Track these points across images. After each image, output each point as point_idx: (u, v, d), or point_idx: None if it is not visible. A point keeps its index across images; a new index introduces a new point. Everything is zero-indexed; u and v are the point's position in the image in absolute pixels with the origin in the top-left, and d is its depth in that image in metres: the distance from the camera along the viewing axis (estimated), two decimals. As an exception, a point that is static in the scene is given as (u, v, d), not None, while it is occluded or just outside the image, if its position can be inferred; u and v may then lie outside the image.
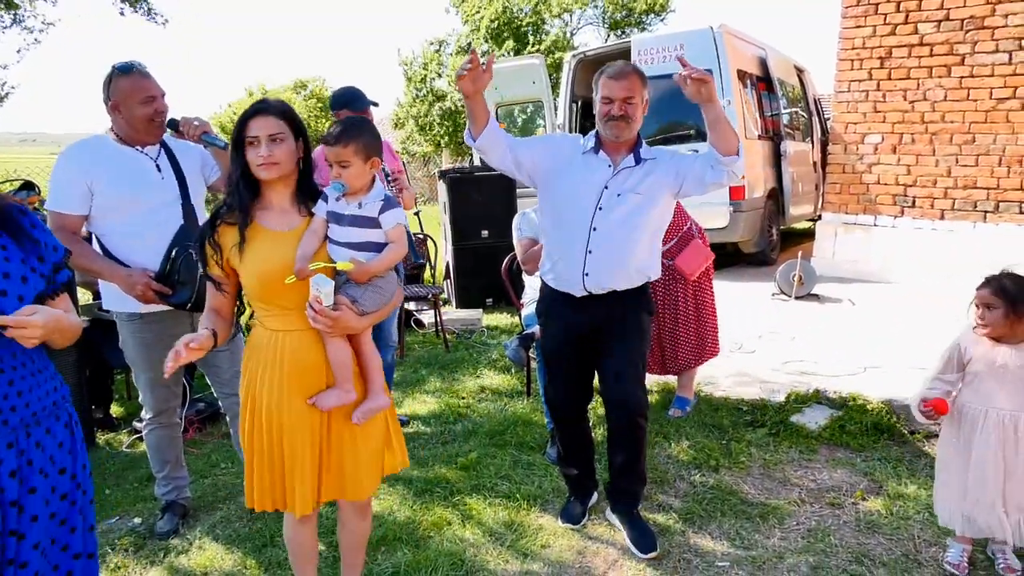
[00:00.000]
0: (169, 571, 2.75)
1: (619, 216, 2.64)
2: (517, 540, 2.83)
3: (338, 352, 2.01)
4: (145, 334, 2.84)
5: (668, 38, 7.45)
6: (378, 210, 2.02)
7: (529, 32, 16.00)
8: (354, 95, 3.75)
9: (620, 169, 2.65)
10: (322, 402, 2.00)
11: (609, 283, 2.70)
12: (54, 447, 1.70)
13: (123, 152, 2.74)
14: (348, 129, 2.01)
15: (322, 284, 1.90)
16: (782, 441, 3.61)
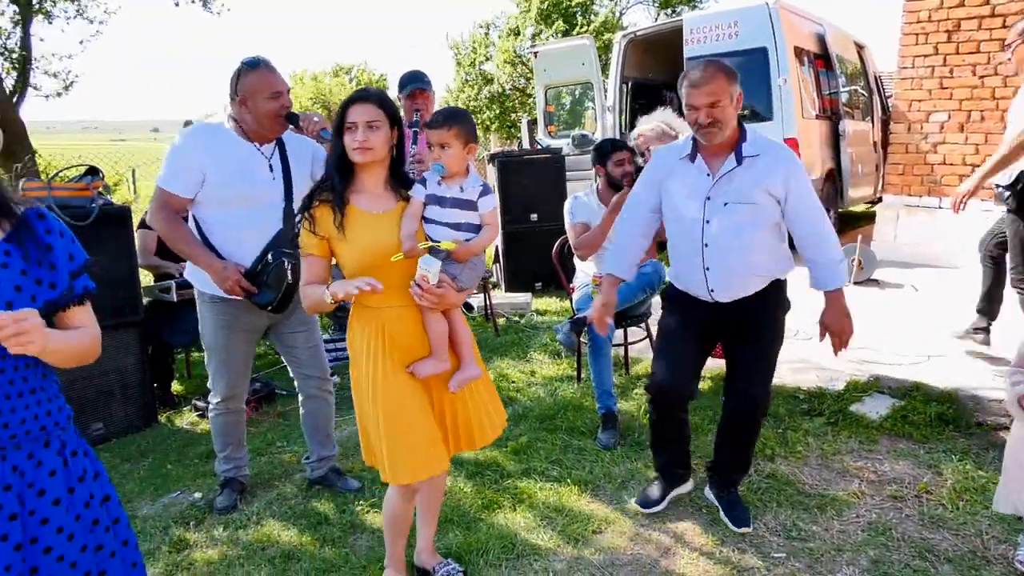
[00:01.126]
0: (229, 544, 2.82)
1: (729, 227, 2.53)
2: (568, 525, 2.82)
3: (436, 325, 2.15)
4: (225, 316, 2.89)
5: (721, 16, 7.25)
6: (478, 194, 2.16)
7: (578, 13, 15.81)
8: (411, 77, 3.77)
9: (721, 175, 2.52)
10: (419, 370, 2.14)
11: (739, 292, 2.62)
12: (40, 475, 1.53)
13: (242, 146, 2.78)
14: (451, 114, 2.17)
15: (430, 264, 2.03)
16: (841, 431, 3.51)
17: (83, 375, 3.90)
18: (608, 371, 3.60)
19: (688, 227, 2.61)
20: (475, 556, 2.62)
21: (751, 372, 2.68)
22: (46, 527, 1.53)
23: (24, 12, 8.39)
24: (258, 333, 3.02)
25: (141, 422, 4.19)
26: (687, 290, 2.72)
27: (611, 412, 3.56)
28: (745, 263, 2.57)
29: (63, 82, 8.76)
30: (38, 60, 8.73)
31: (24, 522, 1.51)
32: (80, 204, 3.80)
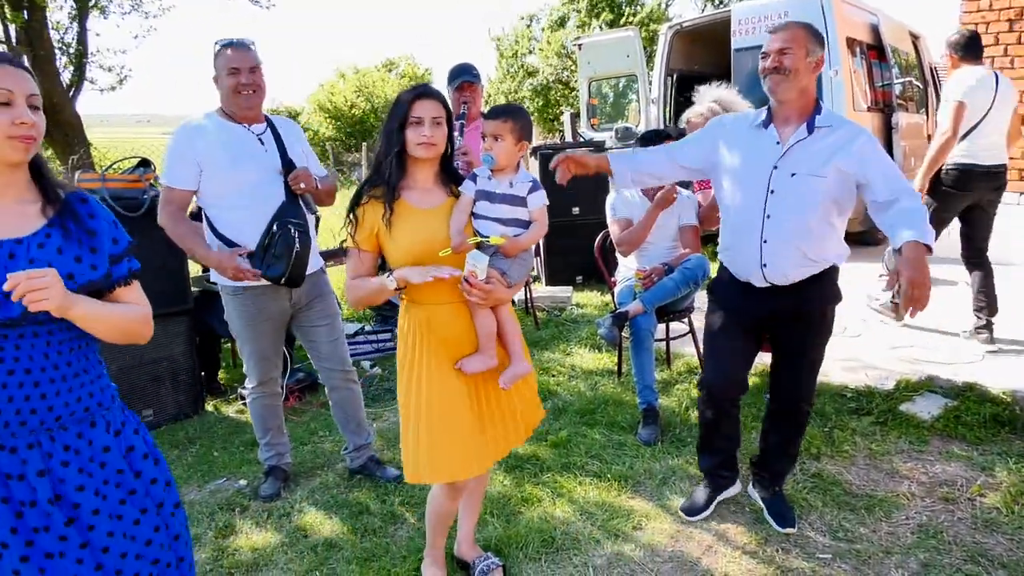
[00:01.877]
0: (273, 532, 2.88)
1: (794, 200, 2.41)
2: (608, 520, 2.80)
3: (485, 321, 2.14)
4: (248, 307, 2.96)
5: (771, 6, 7.07)
6: (527, 190, 2.15)
7: (624, 4, 15.63)
8: (459, 70, 3.78)
9: (791, 144, 2.40)
10: (467, 366, 2.13)
11: (792, 274, 2.49)
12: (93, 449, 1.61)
13: (228, 127, 2.84)
14: (508, 109, 2.17)
15: (478, 259, 2.02)
16: (890, 431, 3.42)
17: (135, 362, 4.01)
18: (650, 366, 3.56)
19: (750, 196, 2.49)
20: (514, 549, 2.62)
21: (798, 367, 2.62)
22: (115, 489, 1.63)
23: (81, 7, 8.66)
24: (283, 321, 3.06)
25: (190, 409, 4.29)
26: (737, 272, 2.61)
27: (652, 407, 3.53)
28: (805, 239, 2.43)
29: (118, 76, 9.03)
30: (94, 54, 9.00)
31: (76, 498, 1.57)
32: (133, 195, 3.90)
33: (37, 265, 1.50)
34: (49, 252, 1.54)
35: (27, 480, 1.53)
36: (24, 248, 1.51)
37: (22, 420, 1.51)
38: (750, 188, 2.49)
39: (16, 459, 1.52)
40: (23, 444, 1.52)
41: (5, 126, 1.47)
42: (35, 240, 1.53)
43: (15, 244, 1.50)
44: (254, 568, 2.65)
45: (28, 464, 1.53)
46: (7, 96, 1.48)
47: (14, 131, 1.48)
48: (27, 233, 1.53)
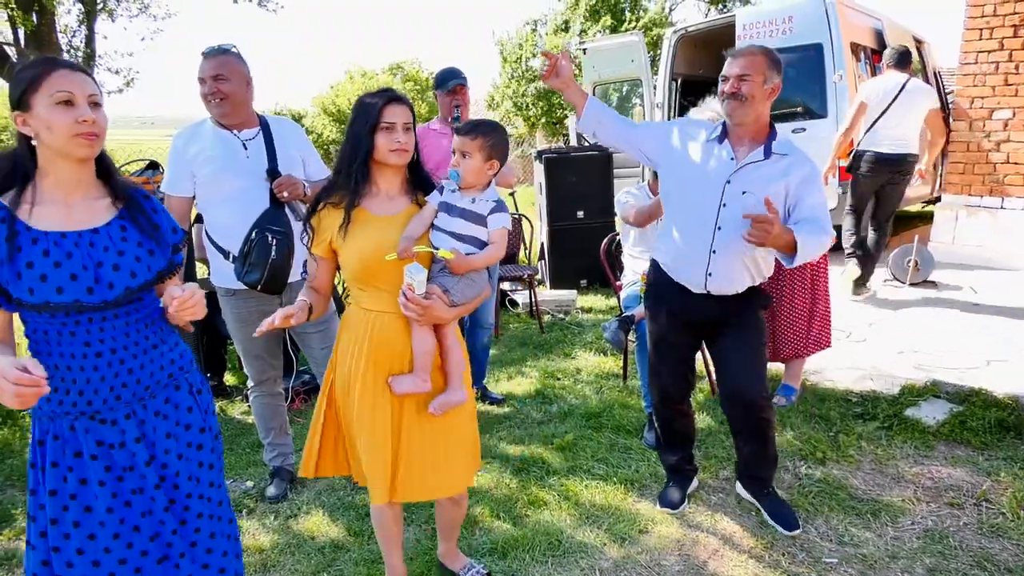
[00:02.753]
0: (280, 533, 2.89)
1: (742, 215, 2.44)
2: (615, 524, 2.81)
3: (422, 341, 2.04)
4: (239, 309, 2.98)
5: (775, 11, 7.09)
6: (488, 209, 2.08)
7: (627, 9, 15.66)
8: (447, 74, 3.80)
9: (745, 163, 2.48)
10: (396, 386, 2.03)
11: (732, 287, 2.60)
12: (179, 413, 1.80)
13: (217, 134, 2.86)
14: (481, 125, 2.10)
15: (416, 272, 1.94)
16: (895, 436, 3.42)
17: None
18: (655, 370, 3.56)
19: (701, 205, 2.54)
20: (521, 552, 2.63)
21: (744, 368, 2.65)
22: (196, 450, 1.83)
23: (89, 10, 8.71)
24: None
25: (196, 410, 4.30)
26: (676, 276, 2.67)
27: (658, 411, 3.53)
28: (749, 255, 2.53)
29: (125, 79, 9.07)
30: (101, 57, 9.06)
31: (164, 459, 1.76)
32: (141, 198, 3.92)
33: (112, 251, 1.65)
34: (131, 241, 1.69)
35: (127, 447, 1.70)
36: (103, 237, 1.66)
37: (117, 395, 1.68)
38: (702, 197, 2.54)
39: (116, 430, 1.69)
40: (121, 416, 1.69)
41: (69, 125, 1.57)
42: (110, 230, 1.68)
43: (93, 234, 1.64)
44: (262, 569, 2.66)
45: (127, 433, 1.70)
46: (69, 96, 1.57)
47: (78, 129, 1.58)
48: (101, 224, 1.67)
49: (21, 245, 1.57)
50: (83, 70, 1.68)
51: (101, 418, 1.68)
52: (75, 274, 1.60)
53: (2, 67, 8.07)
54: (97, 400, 1.66)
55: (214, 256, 2.97)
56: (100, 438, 1.68)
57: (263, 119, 2.94)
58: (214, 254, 2.97)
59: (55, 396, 1.64)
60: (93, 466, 1.68)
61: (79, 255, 1.61)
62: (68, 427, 1.66)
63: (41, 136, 1.59)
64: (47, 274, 1.57)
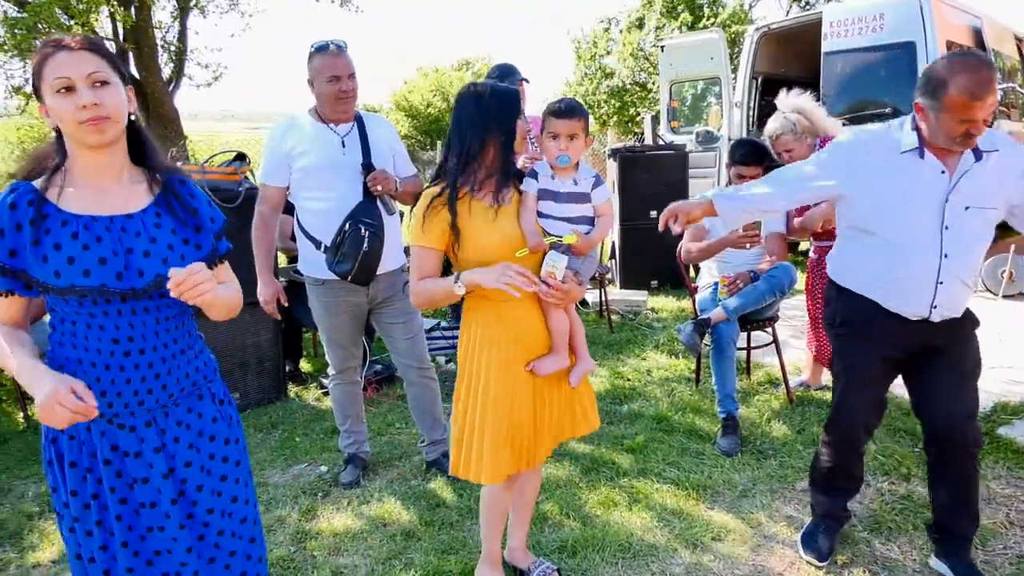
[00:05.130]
0: (353, 518, 2.95)
1: (971, 236, 2.24)
2: (687, 529, 2.76)
3: (559, 321, 2.13)
4: (327, 298, 3.05)
5: (865, 8, 6.81)
6: (591, 186, 2.11)
7: (705, 5, 15.34)
8: (508, 70, 3.83)
9: (960, 174, 2.19)
10: (542, 368, 2.12)
11: (958, 311, 2.33)
12: (203, 422, 1.70)
13: (316, 127, 2.93)
14: (577, 106, 2.10)
15: (557, 260, 2.00)
16: (987, 455, 3.25)
17: (226, 347, 4.16)
18: (731, 374, 3.49)
19: (920, 234, 2.24)
20: (592, 552, 2.62)
21: (959, 400, 2.33)
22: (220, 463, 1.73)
23: (182, 6, 9.10)
24: (361, 314, 3.13)
25: (273, 395, 4.44)
26: (889, 305, 2.35)
27: (732, 417, 3.46)
28: (975, 275, 2.34)
29: (213, 73, 9.45)
30: (192, 52, 9.45)
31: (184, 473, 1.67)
32: (229, 187, 4.05)
33: (144, 237, 1.57)
34: (166, 232, 1.61)
35: (143, 457, 1.61)
36: (136, 223, 1.57)
37: (140, 400, 1.60)
38: (914, 223, 2.24)
39: (134, 437, 1.61)
40: (141, 423, 1.61)
41: (73, 113, 1.46)
42: (145, 216, 1.59)
43: (126, 219, 1.56)
44: (335, 552, 2.72)
45: (145, 442, 1.61)
46: (67, 82, 1.47)
47: (82, 115, 1.47)
48: (136, 210, 1.59)
49: (50, 227, 1.50)
50: (86, 47, 1.53)
51: (120, 423, 1.60)
52: (104, 258, 1.51)
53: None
54: (119, 403, 1.58)
55: (305, 246, 3.05)
56: (115, 443, 1.60)
57: (358, 115, 3.01)
58: (305, 244, 3.04)
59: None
60: (106, 470, 1.60)
61: (109, 239, 1.53)
62: (85, 428, 1.59)
63: (59, 125, 1.52)
64: (75, 256, 1.50)
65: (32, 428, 4.18)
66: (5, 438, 4.05)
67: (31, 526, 3.04)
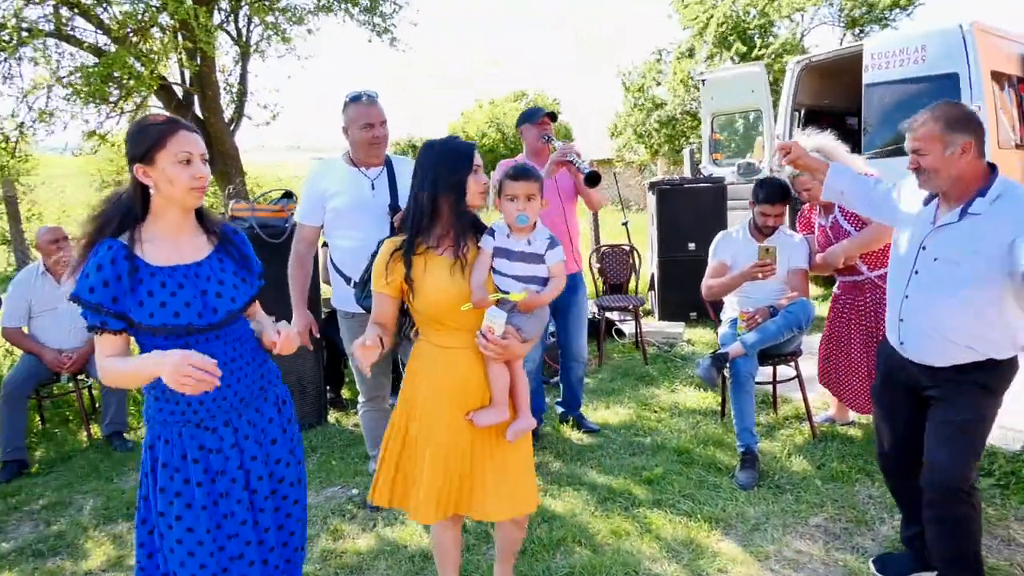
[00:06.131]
0: (376, 539, 3.12)
1: (932, 285, 2.34)
2: (694, 560, 2.83)
3: (499, 375, 2.18)
4: (356, 331, 3.24)
5: (907, 40, 6.80)
6: (545, 247, 2.18)
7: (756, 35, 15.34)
8: (531, 112, 4.04)
9: (940, 225, 2.31)
10: (480, 419, 2.15)
11: (931, 358, 2.40)
12: (263, 422, 2.03)
13: (348, 171, 3.17)
14: (532, 169, 2.20)
15: (496, 316, 2.08)
16: (1011, 495, 3.21)
17: (269, 374, 4.42)
18: (750, 408, 3.54)
19: (897, 271, 2.48)
20: (597, 578, 2.71)
21: (941, 445, 2.39)
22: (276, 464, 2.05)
23: (244, 52, 9.70)
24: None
25: (314, 420, 4.67)
26: (888, 335, 2.57)
27: (751, 451, 3.50)
28: (941, 326, 2.33)
29: (271, 113, 10.00)
30: (252, 93, 10.04)
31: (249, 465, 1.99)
32: (276, 224, 4.33)
33: (213, 280, 1.93)
34: (228, 271, 1.98)
35: (223, 452, 1.93)
36: (205, 269, 1.93)
37: (218, 405, 1.92)
38: (899, 262, 2.47)
39: (215, 436, 1.93)
40: (220, 423, 1.94)
41: (188, 180, 1.84)
42: (210, 263, 1.95)
43: (197, 267, 1.92)
44: (358, 571, 2.89)
45: (224, 440, 1.94)
46: (189, 156, 1.84)
47: (194, 184, 1.85)
48: (203, 258, 1.95)
49: (142, 278, 1.82)
50: (196, 130, 1.93)
51: (205, 425, 1.91)
52: (188, 302, 1.85)
53: (169, 102, 9.13)
54: (202, 410, 1.90)
55: (336, 281, 3.28)
56: (202, 443, 1.91)
57: (388, 158, 3.24)
58: (336, 279, 3.27)
59: (167, 406, 1.89)
60: (194, 468, 1.89)
61: (189, 285, 1.87)
62: (177, 433, 1.90)
63: (160, 187, 1.83)
64: (166, 302, 1.83)
65: (93, 446, 4.51)
66: (69, 455, 4.39)
67: (86, 537, 3.31)
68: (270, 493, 2.03)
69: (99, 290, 1.78)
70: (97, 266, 1.79)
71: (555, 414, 4.35)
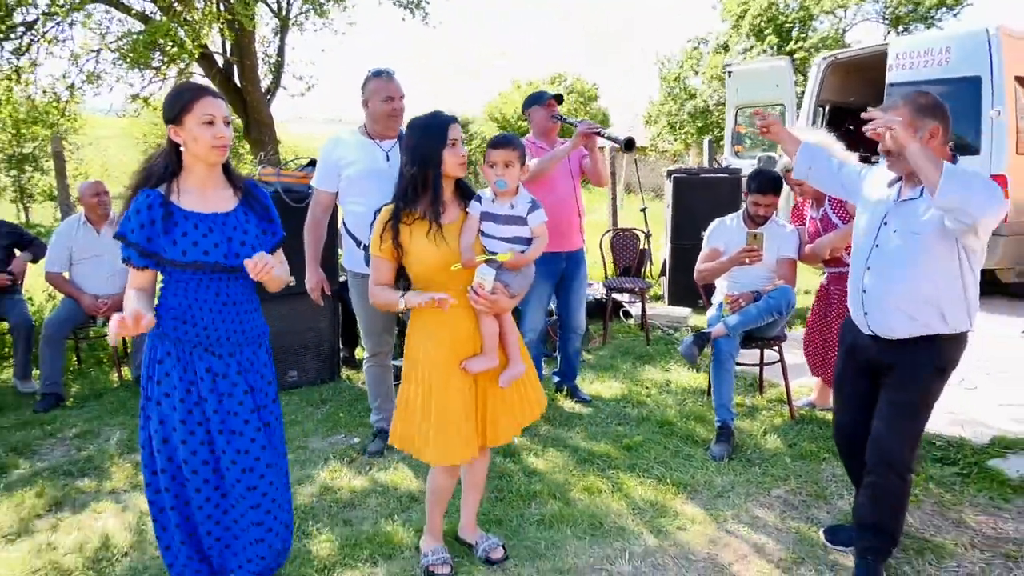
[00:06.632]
0: (370, 481, 3.41)
1: (893, 254, 2.52)
2: (656, 517, 3.06)
3: (489, 327, 2.43)
4: (363, 288, 3.50)
5: (932, 41, 6.84)
6: (527, 210, 2.42)
7: (795, 29, 15.23)
8: (538, 95, 4.26)
9: (904, 200, 2.51)
10: (471, 366, 2.41)
11: (891, 327, 2.55)
12: (260, 364, 2.31)
13: (363, 142, 3.42)
14: (511, 137, 2.46)
15: (486, 274, 2.33)
16: (970, 483, 3.38)
17: (288, 330, 4.71)
18: (728, 386, 3.74)
19: (859, 246, 2.66)
20: (564, 526, 2.97)
21: (883, 421, 2.60)
22: (267, 400, 2.34)
23: (283, 25, 10.03)
24: None
25: (327, 376, 4.97)
26: (851, 311, 2.74)
27: (727, 426, 3.71)
28: (902, 292, 2.50)
29: (306, 84, 10.35)
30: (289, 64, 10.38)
31: (253, 396, 2.29)
32: (299, 189, 4.61)
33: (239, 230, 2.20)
34: (251, 223, 2.24)
35: (229, 378, 2.22)
36: (231, 218, 2.20)
37: (228, 336, 2.21)
38: (859, 236, 2.66)
39: (222, 363, 2.21)
40: (227, 353, 2.23)
41: (210, 139, 2.11)
42: (236, 215, 2.22)
43: (224, 216, 2.20)
44: (350, 506, 3.19)
45: (230, 367, 2.23)
46: (211, 118, 2.11)
47: (216, 142, 2.12)
48: (229, 209, 2.22)
49: (177, 220, 2.11)
50: (221, 96, 2.20)
51: (213, 351, 2.19)
52: (217, 243, 2.14)
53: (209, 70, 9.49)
54: (214, 337, 2.18)
55: (348, 244, 3.55)
56: (209, 366, 2.19)
57: (402, 132, 3.49)
58: (348, 242, 3.54)
59: (183, 327, 2.16)
60: (202, 384, 2.18)
61: (217, 230, 2.16)
62: (188, 352, 2.17)
63: (188, 145, 2.12)
64: (198, 241, 2.12)
65: (123, 386, 4.88)
66: (100, 392, 4.76)
67: (111, 462, 3.67)
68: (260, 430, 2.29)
69: (136, 231, 2.09)
70: (136, 211, 2.09)
71: (551, 384, 4.60)
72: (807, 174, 2.87)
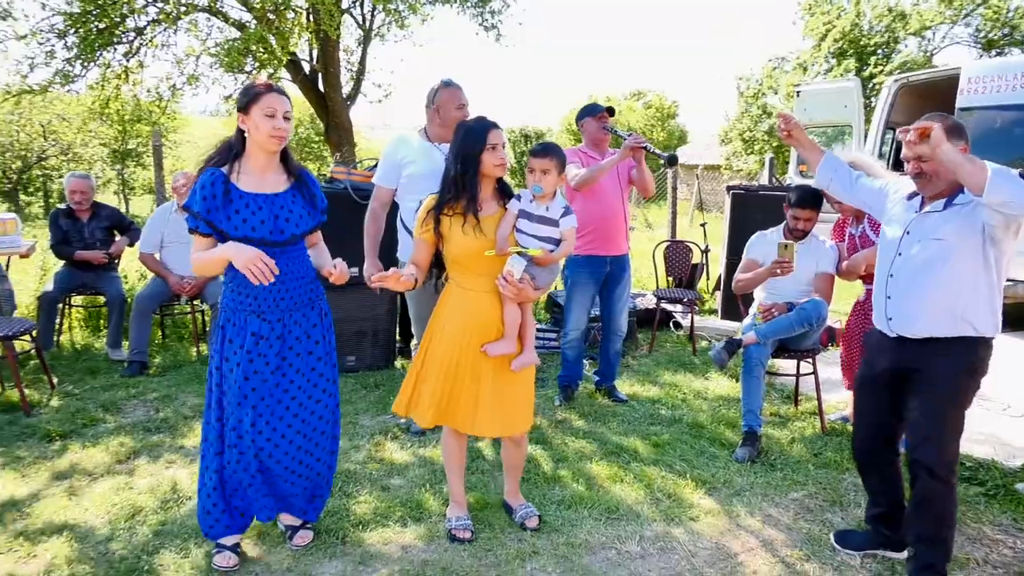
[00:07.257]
0: (412, 455, 3.71)
1: (917, 260, 2.61)
2: (671, 508, 3.23)
3: (512, 314, 2.68)
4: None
5: (1007, 66, 6.72)
6: (560, 214, 2.67)
7: (879, 51, 14.89)
8: (592, 107, 4.49)
9: (926, 211, 2.62)
10: (492, 350, 2.66)
11: (916, 326, 2.64)
12: (308, 325, 2.62)
13: (424, 146, 3.73)
14: (552, 147, 2.71)
15: (517, 263, 2.59)
16: (994, 503, 3.40)
17: (347, 317, 5.07)
18: (756, 393, 3.86)
19: (882, 257, 2.78)
20: (583, 508, 3.18)
21: (917, 429, 2.65)
22: (313, 358, 2.65)
23: (366, 35, 10.62)
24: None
25: (382, 362, 5.31)
26: (875, 320, 2.82)
27: (753, 431, 3.83)
28: (926, 295, 2.59)
29: (384, 92, 10.92)
30: (369, 72, 10.98)
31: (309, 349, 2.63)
32: (366, 187, 4.96)
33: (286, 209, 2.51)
34: (297, 204, 2.56)
35: (268, 340, 2.54)
36: (280, 199, 2.51)
37: (276, 303, 2.52)
38: (885, 246, 2.77)
39: (267, 326, 2.54)
40: (275, 319, 2.55)
41: (269, 130, 2.42)
42: (285, 196, 2.53)
43: (275, 197, 2.51)
44: (390, 474, 3.48)
45: (274, 330, 2.55)
46: (272, 112, 2.42)
47: (273, 133, 2.43)
48: (281, 191, 2.54)
49: (233, 198, 2.42)
50: (285, 94, 2.50)
51: (263, 317, 2.50)
52: (264, 220, 2.44)
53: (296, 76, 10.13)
54: (264, 304, 2.49)
55: (404, 237, 3.86)
56: (255, 330, 2.50)
57: None
58: (404, 235, 3.85)
59: (238, 297, 2.50)
60: (256, 348, 2.51)
61: (266, 209, 2.46)
62: (243, 319, 2.51)
63: (251, 132, 2.43)
64: (247, 219, 2.42)
65: (200, 360, 5.35)
66: (180, 364, 5.25)
67: (184, 423, 4.09)
68: (305, 383, 2.63)
69: (199, 203, 2.40)
70: (201, 186, 2.42)
71: (591, 382, 4.80)
72: (828, 185, 2.99)
